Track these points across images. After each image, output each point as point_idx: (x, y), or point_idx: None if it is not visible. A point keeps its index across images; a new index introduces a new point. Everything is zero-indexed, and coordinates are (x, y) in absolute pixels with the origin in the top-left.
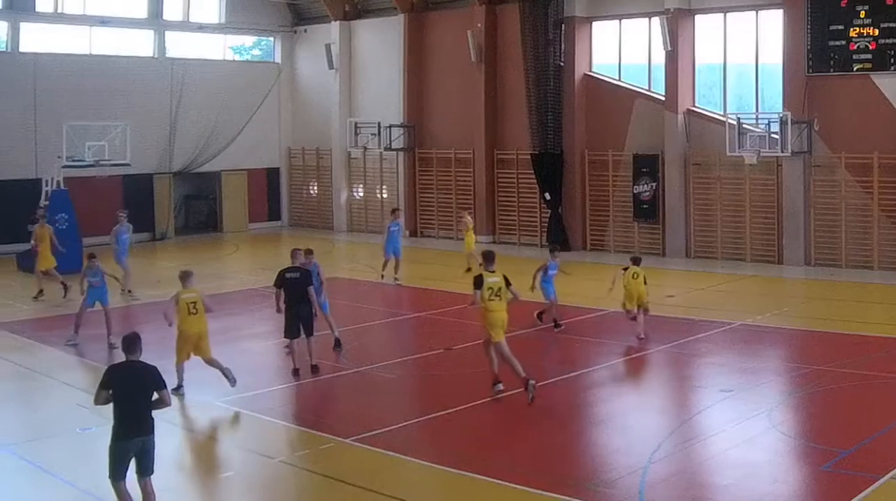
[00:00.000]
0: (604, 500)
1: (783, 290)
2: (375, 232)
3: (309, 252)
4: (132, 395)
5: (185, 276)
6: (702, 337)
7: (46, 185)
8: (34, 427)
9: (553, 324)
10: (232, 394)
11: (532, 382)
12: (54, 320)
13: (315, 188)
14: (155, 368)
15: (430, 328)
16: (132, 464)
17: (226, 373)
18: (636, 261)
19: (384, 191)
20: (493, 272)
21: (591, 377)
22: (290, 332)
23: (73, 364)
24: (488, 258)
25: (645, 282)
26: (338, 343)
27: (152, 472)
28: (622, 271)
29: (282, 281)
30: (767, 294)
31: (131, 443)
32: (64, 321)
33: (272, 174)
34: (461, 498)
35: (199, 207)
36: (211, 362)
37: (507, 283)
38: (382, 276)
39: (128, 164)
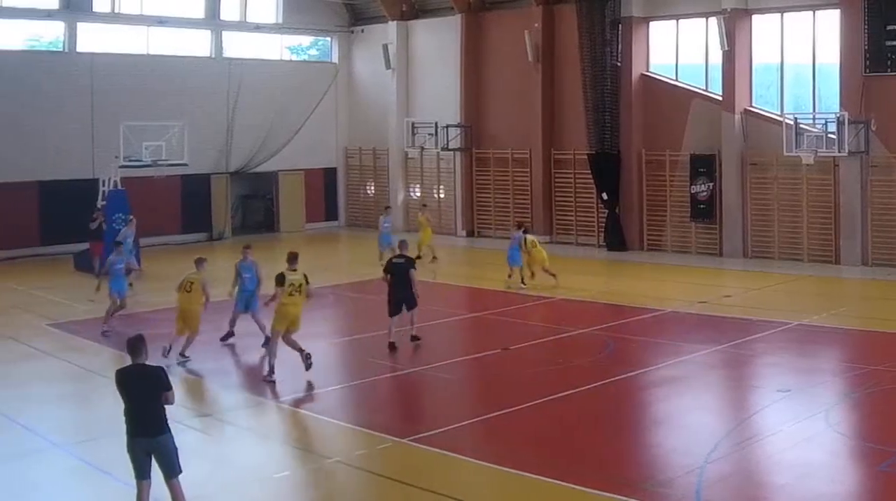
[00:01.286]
0: (660, 500)
1: (840, 290)
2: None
3: (247, 247)
4: (137, 397)
5: (291, 258)
6: (759, 337)
7: (104, 185)
8: (90, 427)
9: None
10: (289, 394)
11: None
12: (110, 320)
13: (372, 188)
14: (161, 369)
15: (487, 328)
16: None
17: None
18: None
19: (441, 191)
20: (294, 271)
21: (648, 377)
22: (393, 311)
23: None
24: (291, 258)
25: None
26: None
27: (177, 473)
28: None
29: (390, 266)
30: (824, 294)
31: (137, 443)
32: (119, 321)
33: (329, 174)
34: (518, 499)
35: (255, 207)
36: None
37: (307, 281)
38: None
39: (185, 164)
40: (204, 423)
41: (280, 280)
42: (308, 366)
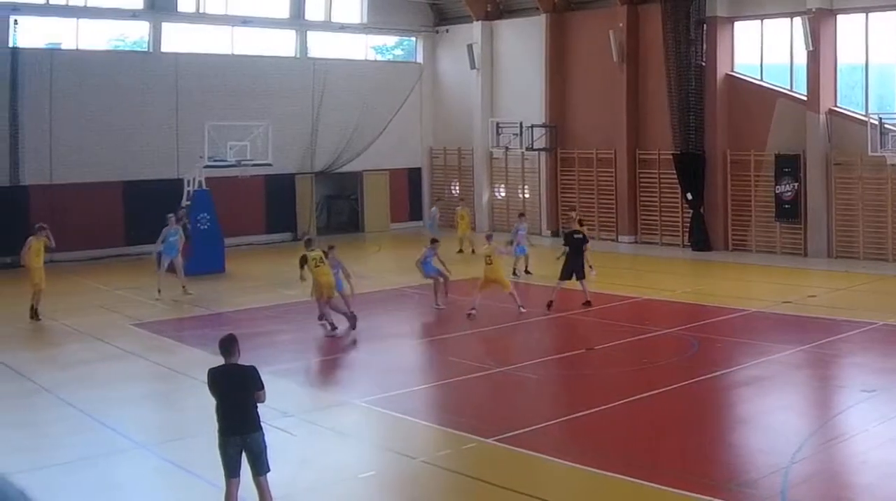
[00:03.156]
0: (746, 500)
1: None
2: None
3: (331, 247)
4: (230, 396)
5: (307, 242)
6: (844, 337)
7: (188, 185)
8: (175, 427)
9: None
10: (374, 394)
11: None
12: (194, 320)
13: (457, 188)
14: (253, 368)
15: (571, 328)
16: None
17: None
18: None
19: (526, 191)
20: (312, 250)
21: (733, 377)
22: (563, 276)
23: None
24: (307, 243)
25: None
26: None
27: (265, 471)
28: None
29: (570, 239)
30: None
31: (230, 441)
32: (203, 321)
33: (414, 174)
34: (602, 499)
35: (340, 207)
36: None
37: (326, 255)
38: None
39: (269, 164)
40: (289, 423)
41: (303, 261)
42: (352, 326)
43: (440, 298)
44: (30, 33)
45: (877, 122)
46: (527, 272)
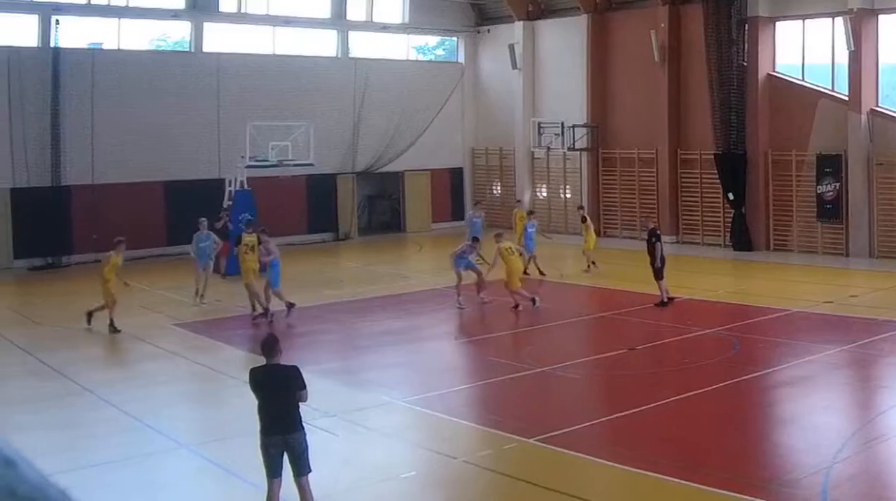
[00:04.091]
0: (787, 500)
1: None
2: (558, 232)
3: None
4: (272, 396)
5: (247, 223)
6: (885, 337)
7: (230, 185)
8: (217, 427)
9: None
10: (415, 394)
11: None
12: (236, 320)
13: (498, 188)
14: (295, 368)
15: (613, 328)
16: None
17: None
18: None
19: (567, 191)
20: (250, 233)
21: (775, 377)
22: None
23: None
24: (247, 224)
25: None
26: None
27: (307, 472)
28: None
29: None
30: None
31: (272, 441)
32: (245, 321)
33: (455, 174)
34: (644, 499)
35: (381, 207)
36: None
37: (259, 241)
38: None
39: (311, 164)
40: (331, 423)
41: (237, 241)
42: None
43: (461, 298)
44: (71, 33)
45: None
46: (525, 273)
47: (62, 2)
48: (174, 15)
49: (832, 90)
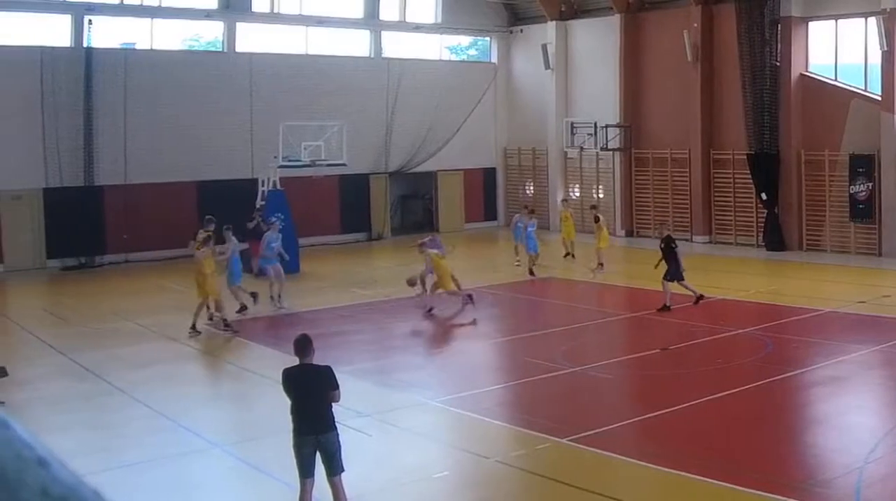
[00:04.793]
0: (820, 500)
1: None
2: (589, 232)
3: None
4: (305, 396)
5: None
6: None
7: (263, 185)
8: (250, 427)
9: (529, 272)
10: (448, 394)
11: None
12: (269, 320)
13: (531, 188)
14: (328, 368)
15: (645, 328)
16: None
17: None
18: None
19: (600, 191)
20: (208, 231)
21: (808, 377)
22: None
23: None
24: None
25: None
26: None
27: (340, 471)
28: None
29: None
30: None
31: (304, 441)
32: (278, 321)
33: (488, 174)
34: (677, 499)
35: (414, 207)
36: None
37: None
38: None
39: (344, 164)
40: (364, 423)
41: (194, 236)
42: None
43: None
44: (104, 33)
45: None
46: (531, 274)
47: (95, 2)
48: (207, 15)
49: (865, 90)
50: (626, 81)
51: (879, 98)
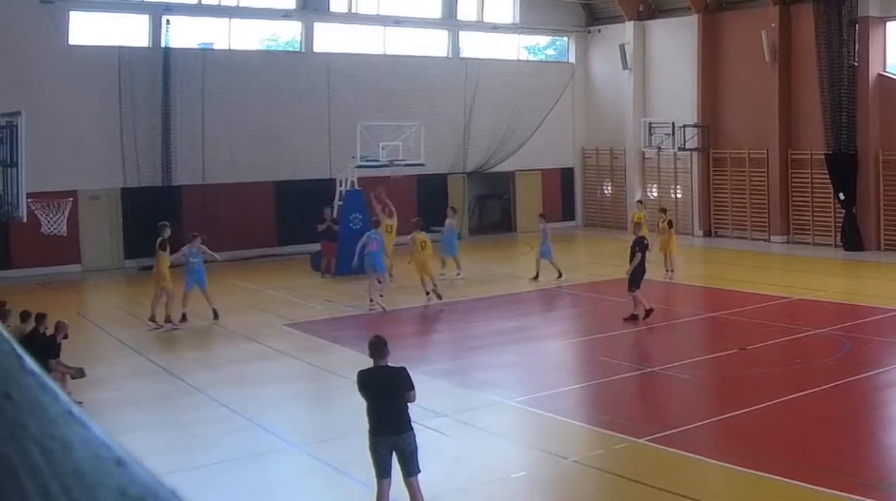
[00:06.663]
0: None
1: None
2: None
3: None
4: (381, 397)
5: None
6: None
7: (341, 185)
8: (327, 428)
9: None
10: (525, 394)
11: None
12: (347, 320)
13: (609, 188)
14: (404, 369)
15: (723, 328)
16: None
17: None
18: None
19: (678, 191)
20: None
21: (886, 377)
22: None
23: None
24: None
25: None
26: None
27: (416, 472)
28: None
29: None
30: None
31: (381, 442)
32: (356, 321)
33: (566, 174)
34: (755, 499)
35: (492, 207)
36: None
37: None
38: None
39: (422, 164)
40: (441, 423)
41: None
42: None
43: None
44: (182, 33)
45: None
46: (535, 278)
47: (173, 2)
48: (285, 15)
49: None
50: (703, 81)
51: None
